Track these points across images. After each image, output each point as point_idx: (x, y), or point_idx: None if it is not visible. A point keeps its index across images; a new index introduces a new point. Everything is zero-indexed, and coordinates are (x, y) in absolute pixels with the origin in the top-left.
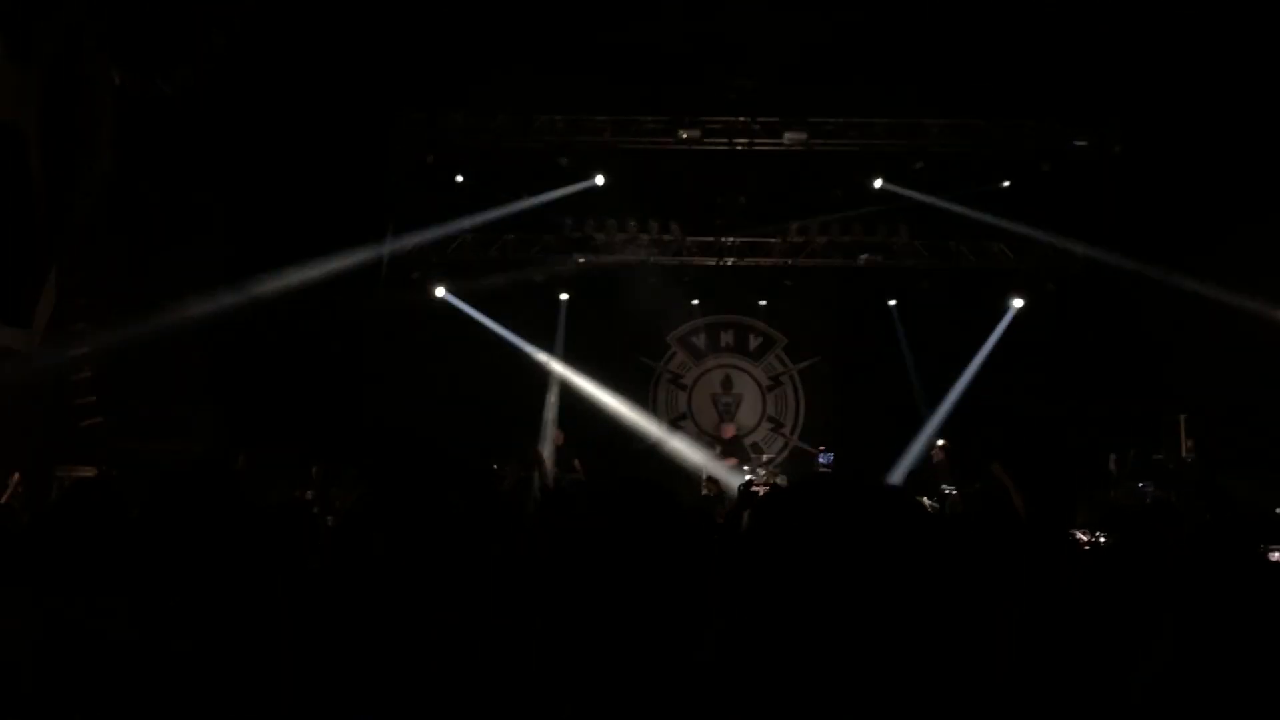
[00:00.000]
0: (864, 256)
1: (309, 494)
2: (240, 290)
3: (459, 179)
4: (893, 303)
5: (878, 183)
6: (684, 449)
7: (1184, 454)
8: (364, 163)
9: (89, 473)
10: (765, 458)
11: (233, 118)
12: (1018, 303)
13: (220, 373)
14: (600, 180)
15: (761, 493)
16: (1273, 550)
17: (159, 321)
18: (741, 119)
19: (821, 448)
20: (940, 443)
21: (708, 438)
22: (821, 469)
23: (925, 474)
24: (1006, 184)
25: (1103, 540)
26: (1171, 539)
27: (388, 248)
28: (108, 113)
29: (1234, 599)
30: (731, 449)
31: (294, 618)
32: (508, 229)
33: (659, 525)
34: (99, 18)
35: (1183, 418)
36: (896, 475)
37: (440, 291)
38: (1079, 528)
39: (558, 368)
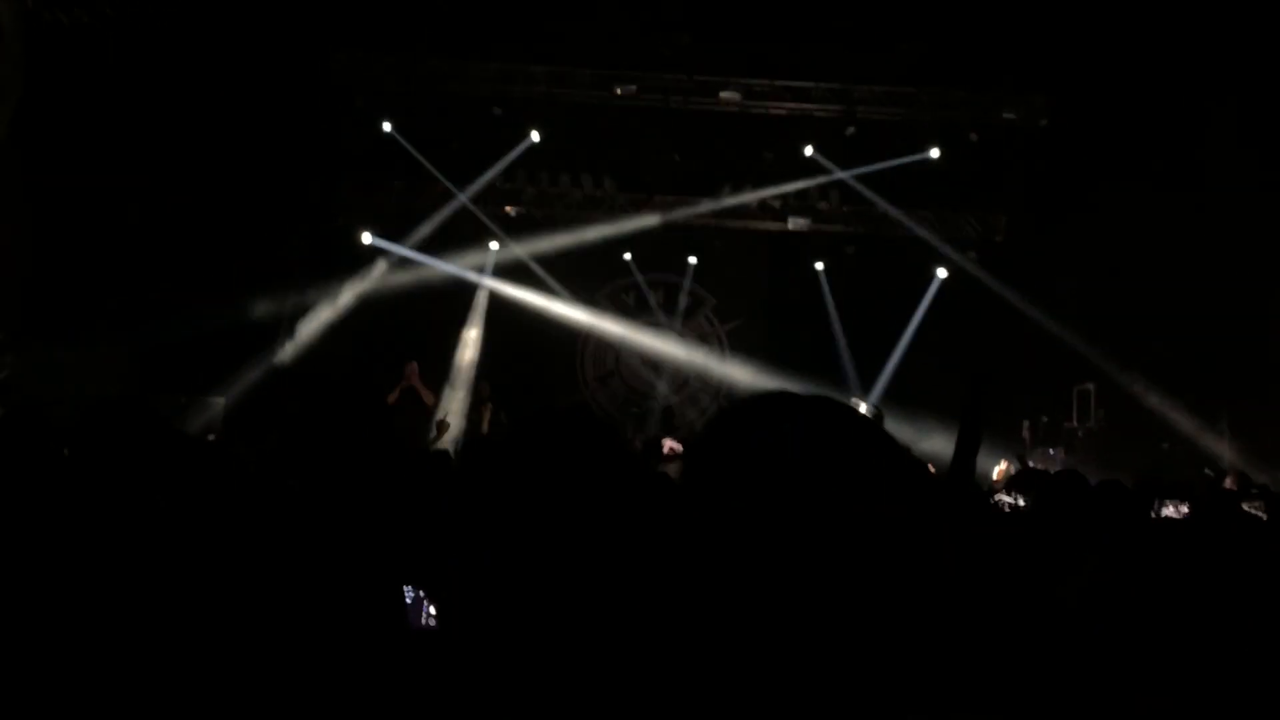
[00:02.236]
0: (793, 220)
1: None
2: (158, 231)
3: (386, 127)
4: (819, 266)
5: (808, 150)
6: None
7: (1093, 422)
8: (290, 102)
9: None
10: (689, 416)
11: (153, 50)
12: (941, 273)
13: (132, 317)
14: (536, 137)
15: (669, 448)
16: (1166, 505)
17: (73, 261)
18: (678, 77)
19: None
20: (866, 408)
21: (634, 394)
22: None
23: None
24: (935, 153)
25: (1021, 503)
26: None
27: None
28: (20, 37)
29: (1127, 553)
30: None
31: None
32: (438, 177)
33: (601, 465)
34: None
35: (1092, 386)
36: None
37: (367, 238)
38: (999, 491)
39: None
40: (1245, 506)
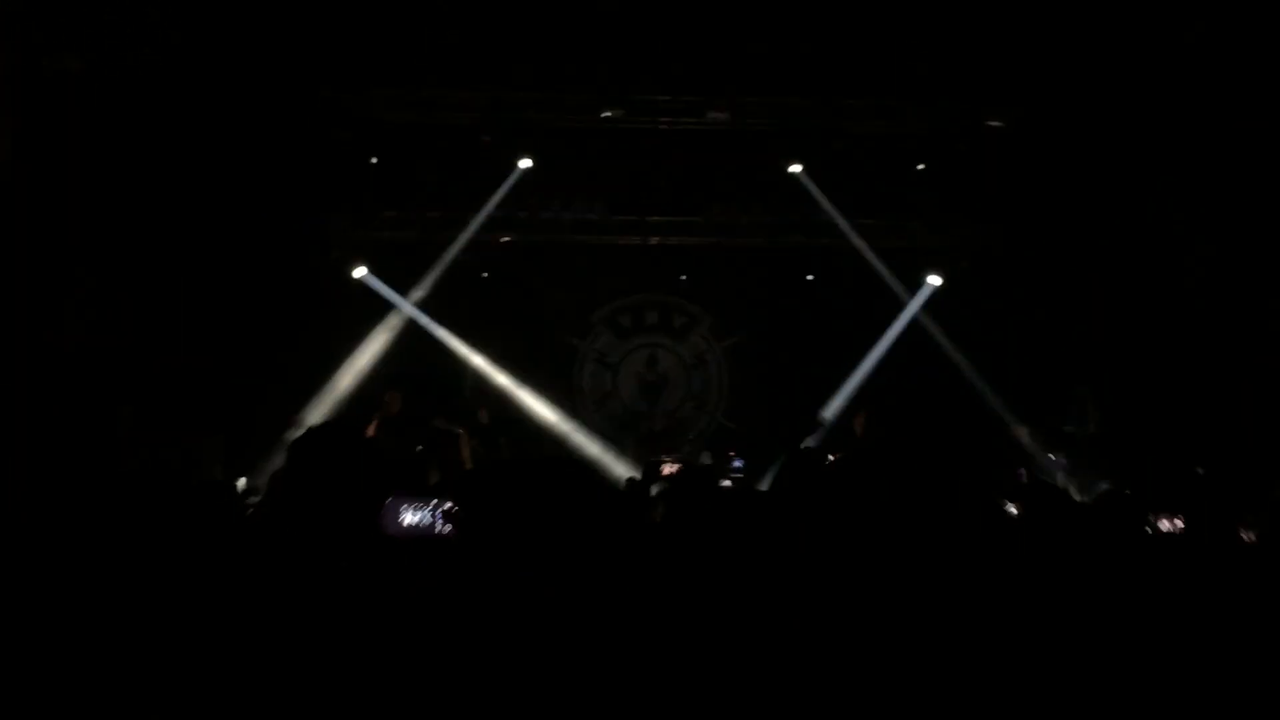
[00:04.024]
0: (785, 235)
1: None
2: (151, 269)
3: (373, 160)
4: (810, 278)
5: (795, 167)
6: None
7: (1091, 426)
8: (279, 142)
9: None
10: (690, 435)
11: (142, 95)
12: (934, 280)
13: (135, 358)
14: (527, 163)
15: (668, 470)
16: (1162, 519)
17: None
18: (665, 98)
19: (732, 453)
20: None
21: (633, 416)
22: (733, 473)
23: (849, 445)
24: (921, 166)
25: (1014, 511)
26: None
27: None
28: (10, 91)
29: (1117, 570)
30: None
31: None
32: (428, 207)
33: (586, 505)
34: None
35: (1089, 390)
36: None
37: (360, 272)
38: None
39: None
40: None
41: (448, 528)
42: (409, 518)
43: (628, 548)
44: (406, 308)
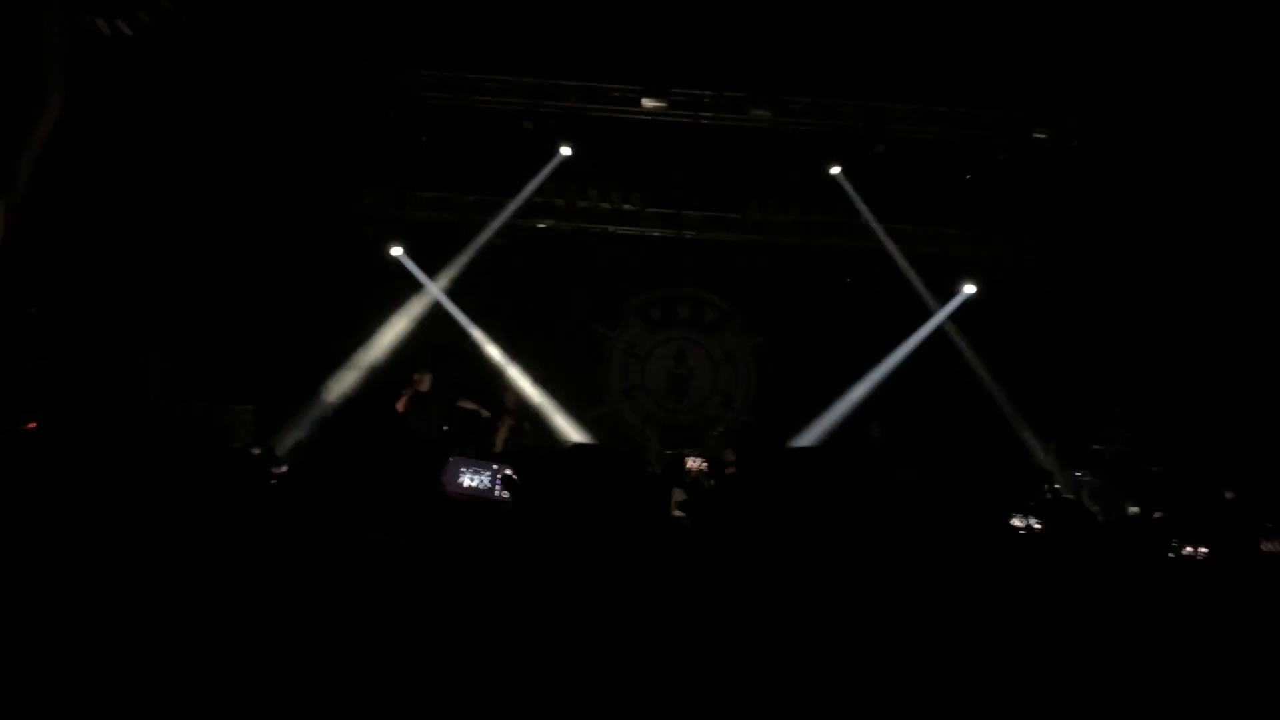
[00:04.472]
0: (821, 236)
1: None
2: (194, 240)
3: (423, 139)
4: (848, 280)
5: (835, 169)
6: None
7: (1120, 444)
8: (325, 115)
9: (31, 423)
10: (716, 431)
11: (193, 63)
12: (969, 289)
13: (170, 323)
14: (567, 151)
15: (693, 467)
16: (1186, 548)
17: (109, 270)
18: (707, 93)
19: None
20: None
21: (660, 408)
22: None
23: (866, 453)
24: (968, 176)
25: (1036, 527)
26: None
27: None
28: (64, 50)
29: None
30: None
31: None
32: (468, 190)
33: (622, 491)
34: None
35: (1119, 409)
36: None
37: (396, 251)
38: (1018, 514)
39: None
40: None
41: (505, 494)
42: (468, 480)
43: (654, 542)
44: (435, 290)
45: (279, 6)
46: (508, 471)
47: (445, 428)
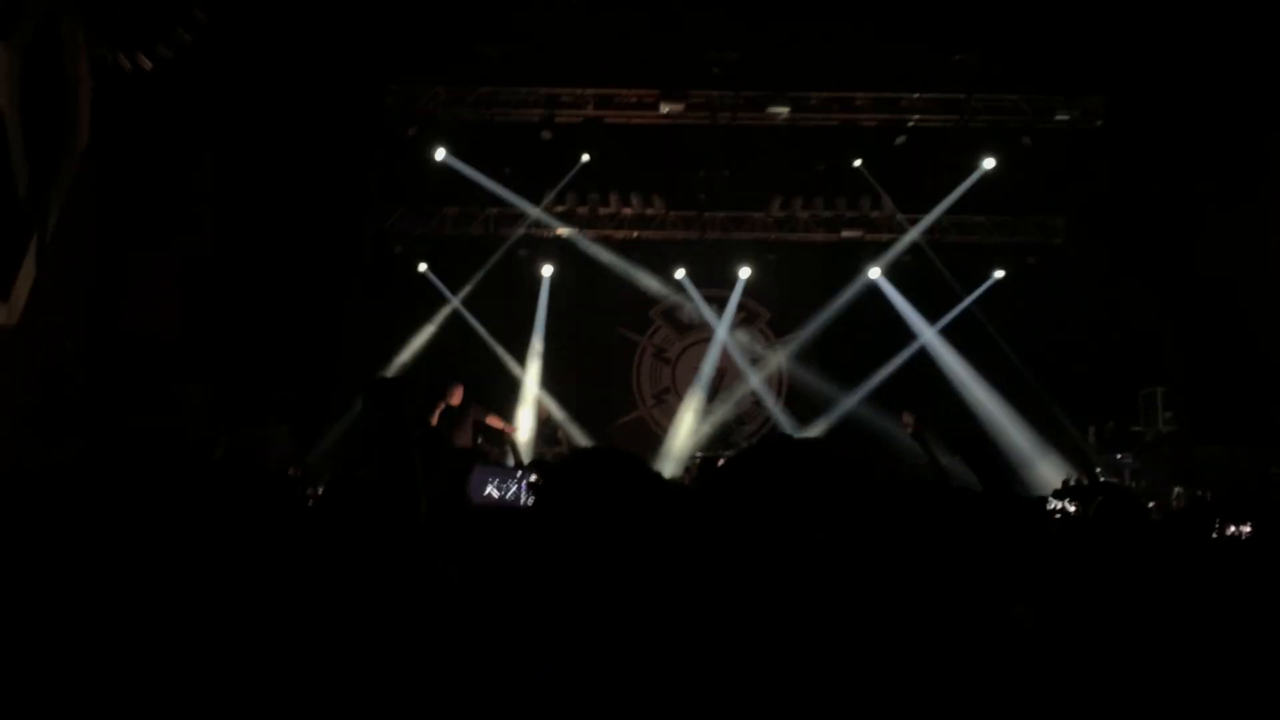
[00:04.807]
0: (846, 231)
1: (295, 470)
2: (224, 268)
3: (440, 154)
4: (876, 273)
5: (857, 162)
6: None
7: (1161, 426)
8: (346, 136)
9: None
10: (748, 430)
11: (212, 92)
12: (998, 274)
13: (206, 348)
14: (586, 158)
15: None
16: (1229, 527)
17: (142, 299)
18: (725, 93)
19: None
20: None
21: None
22: None
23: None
24: (990, 162)
25: (1073, 510)
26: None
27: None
28: (87, 87)
29: (1181, 583)
30: None
31: (271, 598)
32: (490, 203)
33: (633, 497)
34: None
35: (1160, 390)
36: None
37: (423, 267)
38: (1058, 496)
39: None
40: None
41: (532, 500)
42: (493, 489)
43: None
44: (458, 305)
45: (294, 33)
46: (533, 478)
47: (479, 440)
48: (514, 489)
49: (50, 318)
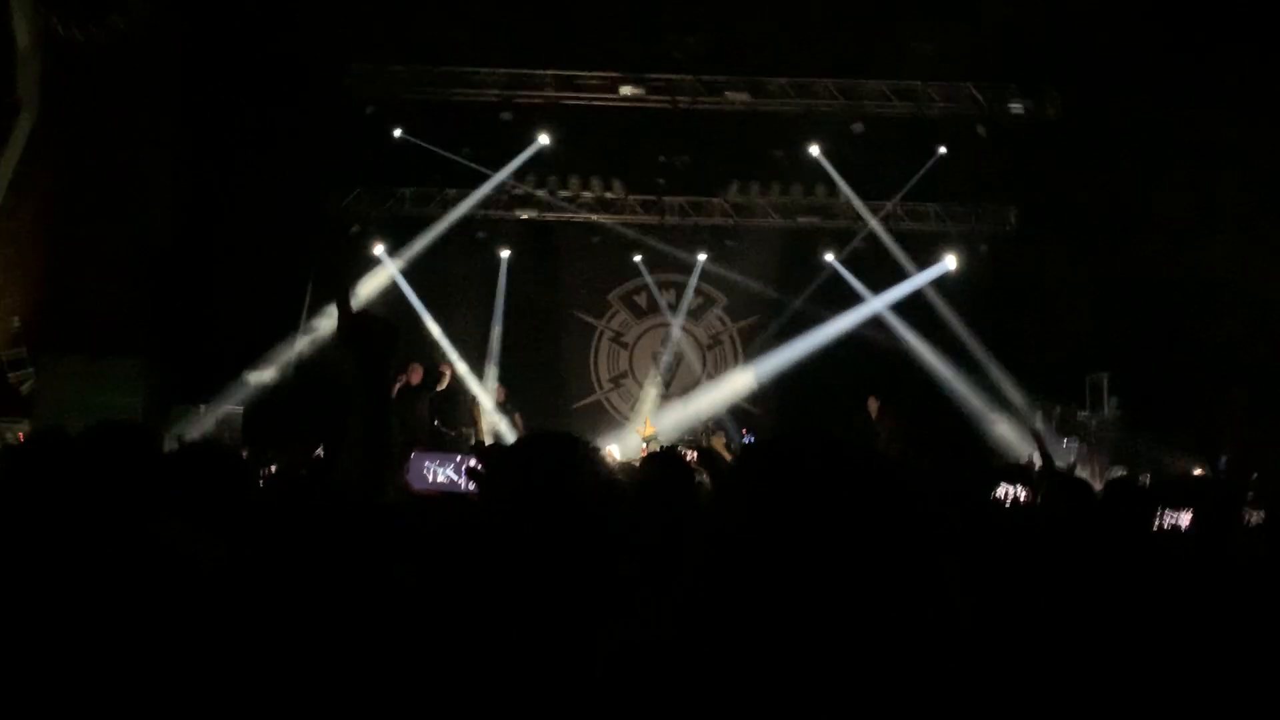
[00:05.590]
0: (802, 218)
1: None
2: (178, 247)
3: (397, 133)
4: (830, 257)
5: (814, 149)
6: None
7: (1106, 411)
8: (302, 114)
9: (22, 429)
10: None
11: (167, 66)
12: (950, 261)
13: (157, 325)
14: (545, 140)
15: (690, 456)
16: (1169, 514)
17: (92, 275)
18: (685, 77)
19: (745, 430)
20: (873, 400)
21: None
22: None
23: (863, 430)
24: (943, 150)
25: (1021, 496)
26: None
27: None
28: (38, 58)
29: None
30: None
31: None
32: (448, 184)
33: (566, 482)
34: None
35: (1105, 376)
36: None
37: (378, 249)
38: (1008, 479)
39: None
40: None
41: (472, 486)
42: (435, 474)
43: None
44: (405, 288)
45: (254, 11)
46: (471, 462)
47: (435, 421)
48: (454, 474)
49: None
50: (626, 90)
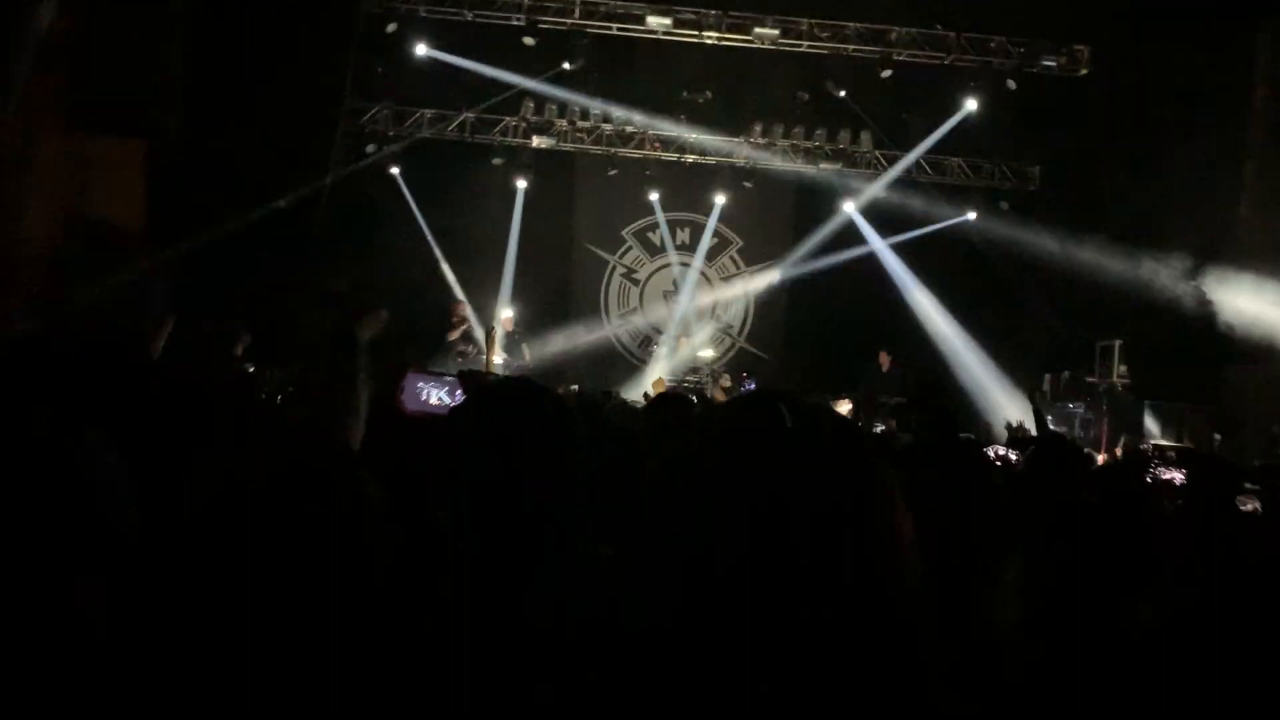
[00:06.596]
0: (824, 164)
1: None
2: (193, 160)
3: (420, 49)
4: (849, 206)
5: (841, 92)
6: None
7: (1115, 378)
8: (322, 30)
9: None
10: (710, 357)
11: None
12: (971, 215)
13: (163, 235)
14: (568, 66)
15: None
16: (1163, 470)
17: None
18: (713, 11)
19: (745, 375)
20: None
21: (656, 333)
22: None
23: (871, 381)
24: (973, 104)
25: (1014, 459)
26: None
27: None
28: None
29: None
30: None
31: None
32: (468, 106)
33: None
34: None
35: (1118, 343)
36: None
37: (394, 170)
38: (1009, 444)
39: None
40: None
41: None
42: (430, 395)
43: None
44: (420, 219)
45: None
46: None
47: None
48: (446, 395)
49: (10, 198)
50: (653, 20)
